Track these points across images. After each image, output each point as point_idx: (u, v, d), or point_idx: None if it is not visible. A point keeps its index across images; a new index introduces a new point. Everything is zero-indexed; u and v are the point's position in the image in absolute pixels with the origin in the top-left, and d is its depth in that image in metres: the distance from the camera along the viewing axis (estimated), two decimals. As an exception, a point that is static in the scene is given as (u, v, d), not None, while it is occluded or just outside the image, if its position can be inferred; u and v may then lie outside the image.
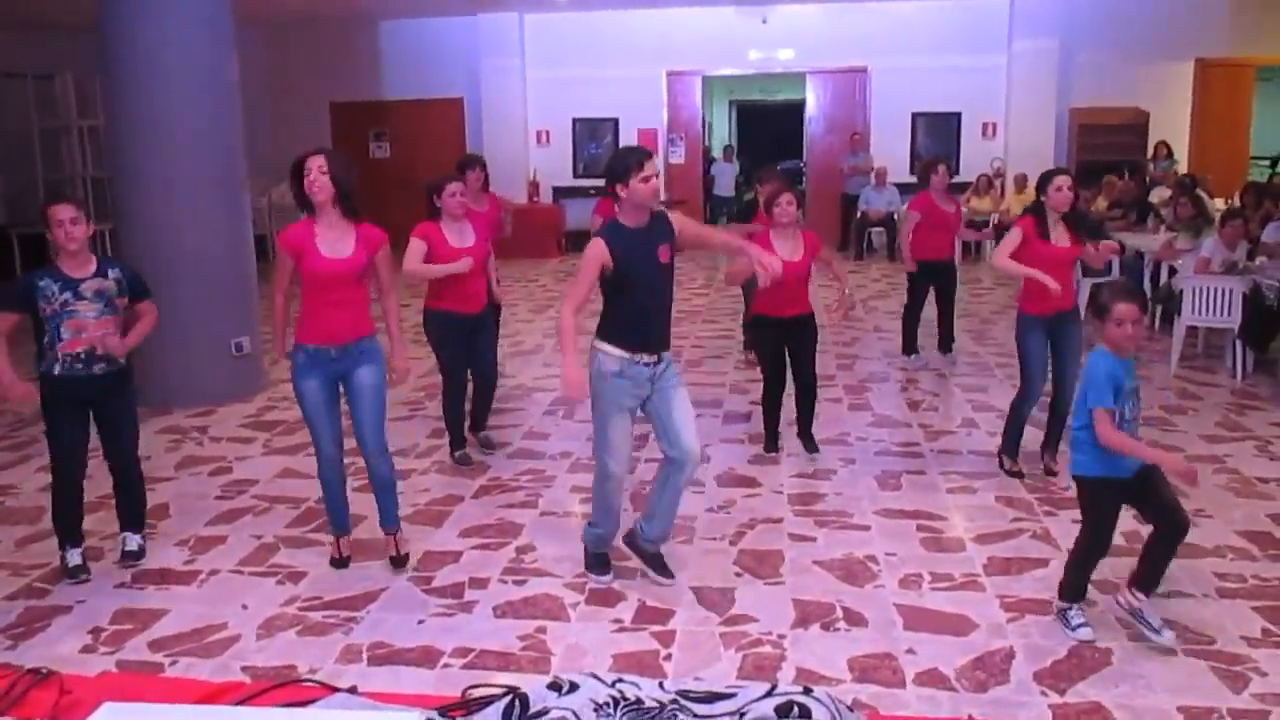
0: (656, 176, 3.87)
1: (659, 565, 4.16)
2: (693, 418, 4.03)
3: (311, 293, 4.07)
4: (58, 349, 4.12)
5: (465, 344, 5.70)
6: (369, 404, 4.18)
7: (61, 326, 4.10)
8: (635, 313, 3.87)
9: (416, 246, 5.41)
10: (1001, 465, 5.45)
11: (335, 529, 4.44)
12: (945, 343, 8.06)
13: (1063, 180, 5.16)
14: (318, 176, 3.96)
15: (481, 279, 5.68)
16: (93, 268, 4.16)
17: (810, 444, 5.75)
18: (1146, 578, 3.65)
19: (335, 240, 4.04)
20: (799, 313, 5.59)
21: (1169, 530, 3.61)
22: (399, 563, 4.34)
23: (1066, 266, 5.27)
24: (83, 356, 4.14)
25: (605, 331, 3.93)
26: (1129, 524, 4.25)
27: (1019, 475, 5.35)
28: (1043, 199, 5.20)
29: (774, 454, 5.75)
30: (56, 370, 4.14)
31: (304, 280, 4.06)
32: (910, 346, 8.04)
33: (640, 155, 3.84)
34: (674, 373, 4.04)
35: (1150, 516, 3.75)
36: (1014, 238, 5.22)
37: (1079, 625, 3.69)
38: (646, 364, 3.91)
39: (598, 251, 3.81)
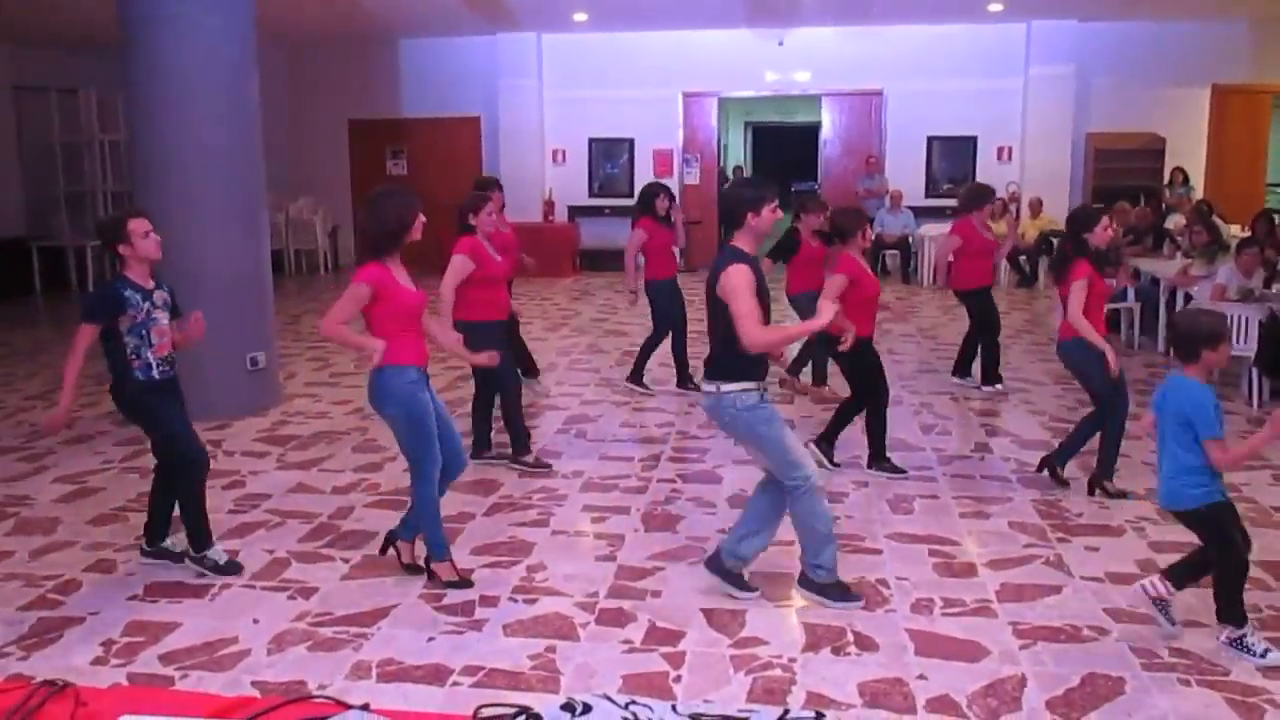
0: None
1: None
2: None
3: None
4: (150, 354, 4.33)
5: (505, 349, 5.93)
6: None
7: (150, 333, 4.31)
8: None
9: (463, 264, 5.66)
10: (1057, 475, 5.57)
11: (446, 551, 4.40)
12: (990, 374, 7.81)
13: (1107, 219, 5.41)
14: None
15: (506, 291, 6.07)
16: (154, 281, 4.41)
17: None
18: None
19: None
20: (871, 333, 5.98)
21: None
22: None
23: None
24: (169, 359, 4.41)
25: None
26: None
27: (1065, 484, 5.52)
28: (1087, 237, 5.32)
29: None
30: (156, 375, 4.35)
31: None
32: (992, 376, 7.81)
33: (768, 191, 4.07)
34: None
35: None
36: (1084, 288, 5.28)
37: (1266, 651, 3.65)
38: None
39: None
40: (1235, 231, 10.75)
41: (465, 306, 5.72)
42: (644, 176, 14.07)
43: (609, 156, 15.49)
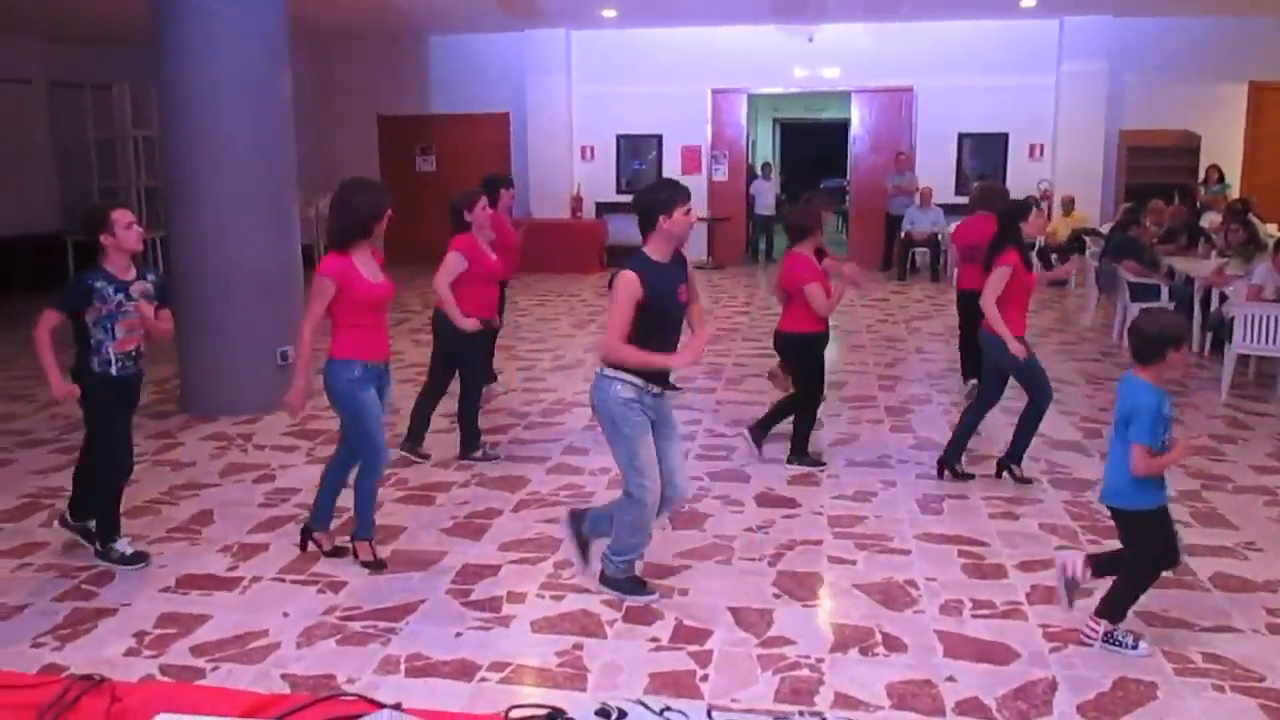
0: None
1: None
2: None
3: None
4: (110, 349, 4.35)
5: (486, 351, 6.16)
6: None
7: (116, 326, 4.33)
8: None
9: (457, 261, 5.75)
10: (1007, 475, 5.62)
11: (369, 532, 4.55)
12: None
13: (1037, 210, 5.72)
14: None
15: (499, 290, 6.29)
16: (135, 271, 4.43)
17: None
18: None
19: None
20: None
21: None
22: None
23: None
24: (134, 354, 4.43)
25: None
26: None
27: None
28: (1023, 226, 5.52)
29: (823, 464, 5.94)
30: (114, 370, 4.37)
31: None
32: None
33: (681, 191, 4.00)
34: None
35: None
36: (1005, 275, 5.40)
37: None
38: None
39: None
40: (1272, 230, 10.60)
41: (457, 303, 5.81)
42: (672, 173, 14.06)
43: (637, 153, 15.50)
